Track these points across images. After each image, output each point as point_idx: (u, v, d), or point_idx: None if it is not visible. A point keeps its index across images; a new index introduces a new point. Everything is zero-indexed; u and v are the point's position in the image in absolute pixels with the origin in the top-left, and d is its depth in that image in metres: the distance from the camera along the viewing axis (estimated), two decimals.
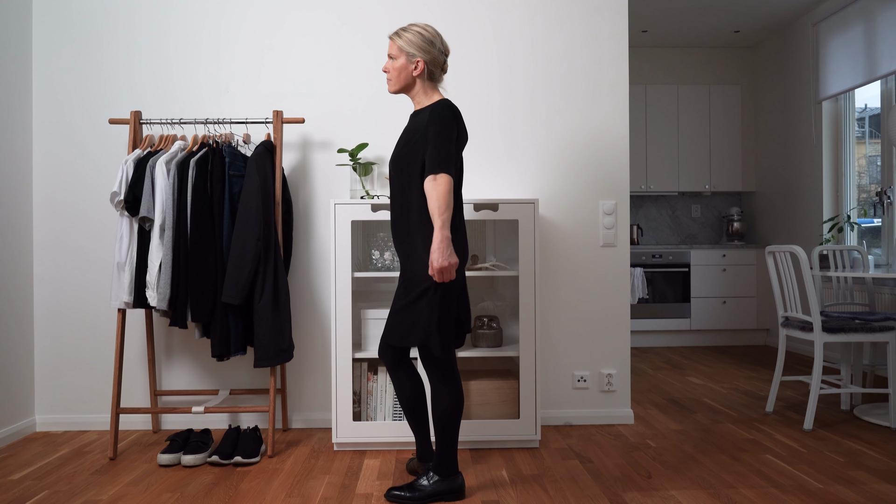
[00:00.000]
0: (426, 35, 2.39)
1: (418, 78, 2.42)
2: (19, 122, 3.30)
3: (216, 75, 3.40)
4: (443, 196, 2.23)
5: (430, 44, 2.39)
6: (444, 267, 2.22)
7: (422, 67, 2.39)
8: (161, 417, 3.39)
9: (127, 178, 2.95)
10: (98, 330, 3.39)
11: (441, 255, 2.21)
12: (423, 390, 2.55)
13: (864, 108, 5.11)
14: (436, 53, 2.41)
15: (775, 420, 3.46)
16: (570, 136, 3.42)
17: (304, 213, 3.41)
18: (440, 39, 2.43)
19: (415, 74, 2.41)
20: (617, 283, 3.43)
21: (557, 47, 3.43)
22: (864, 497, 2.41)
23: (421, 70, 2.40)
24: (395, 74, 2.42)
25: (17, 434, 3.24)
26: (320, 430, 3.35)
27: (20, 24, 3.31)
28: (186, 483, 2.62)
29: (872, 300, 4.03)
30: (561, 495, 2.46)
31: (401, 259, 2.42)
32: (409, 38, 2.38)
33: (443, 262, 2.21)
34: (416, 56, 2.38)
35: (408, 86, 2.44)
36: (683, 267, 5.91)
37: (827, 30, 5.21)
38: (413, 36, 2.38)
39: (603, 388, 3.41)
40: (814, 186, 5.36)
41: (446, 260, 2.22)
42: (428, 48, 2.39)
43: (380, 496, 2.47)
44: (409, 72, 2.41)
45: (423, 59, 2.39)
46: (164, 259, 2.92)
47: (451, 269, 2.24)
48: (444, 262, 2.21)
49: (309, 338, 3.40)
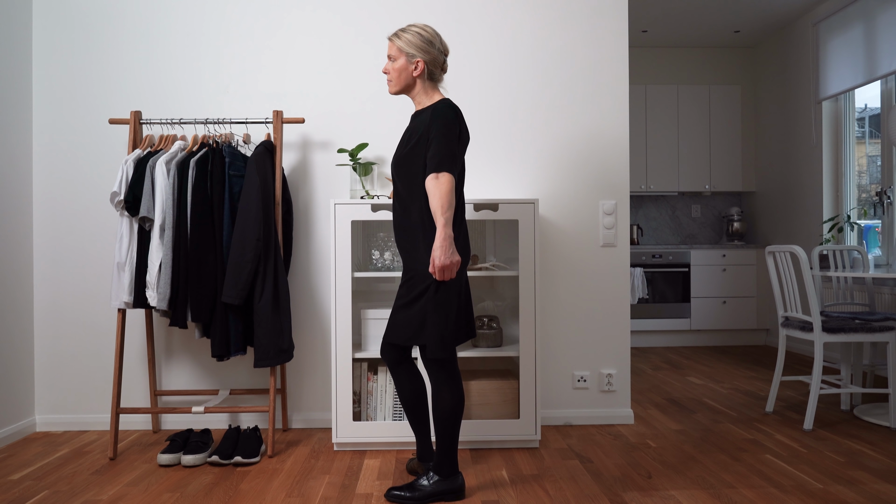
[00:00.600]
0: (425, 35, 2.39)
1: (418, 78, 2.42)
2: (19, 122, 3.30)
3: (216, 75, 3.40)
4: (445, 195, 2.23)
5: (429, 44, 2.39)
6: (446, 265, 2.22)
7: (422, 68, 2.39)
8: (161, 417, 3.39)
9: (127, 178, 2.95)
10: (98, 330, 3.39)
11: (443, 253, 2.21)
12: (424, 390, 2.56)
13: (864, 108, 5.11)
14: (435, 53, 2.41)
15: (775, 420, 3.46)
16: (571, 136, 3.42)
17: (304, 213, 3.41)
18: (439, 39, 2.43)
19: (415, 75, 2.41)
20: (617, 283, 3.43)
21: (557, 47, 3.43)
22: (864, 497, 2.41)
23: (421, 70, 2.40)
24: (395, 75, 2.42)
25: (17, 434, 3.24)
26: (320, 430, 3.35)
27: (20, 24, 3.31)
28: (186, 483, 2.62)
29: (872, 300, 4.03)
30: (561, 495, 2.46)
31: (403, 259, 2.42)
32: (409, 39, 2.38)
33: (444, 261, 2.21)
34: (415, 56, 2.38)
35: (408, 86, 2.44)
36: (683, 267, 5.91)
37: (827, 30, 5.21)
38: (412, 36, 2.38)
39: (603, 388, 3.41)
40: (814, 186, 5.36)
41: (448, 258, 2.22)
42: (427, 48, 2.39)
43: (380, 496, 2.47)
44: (409, 72, 2.41)
45: (422, 60, 2.39)
46: (164, 259, 2.92)
47: (452, 267, 2.24)
48: (445, 260, 2.21)
49: (309, 338, 3.40)
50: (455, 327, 2.37)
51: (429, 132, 2.32)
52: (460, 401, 2.39)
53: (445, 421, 2.37)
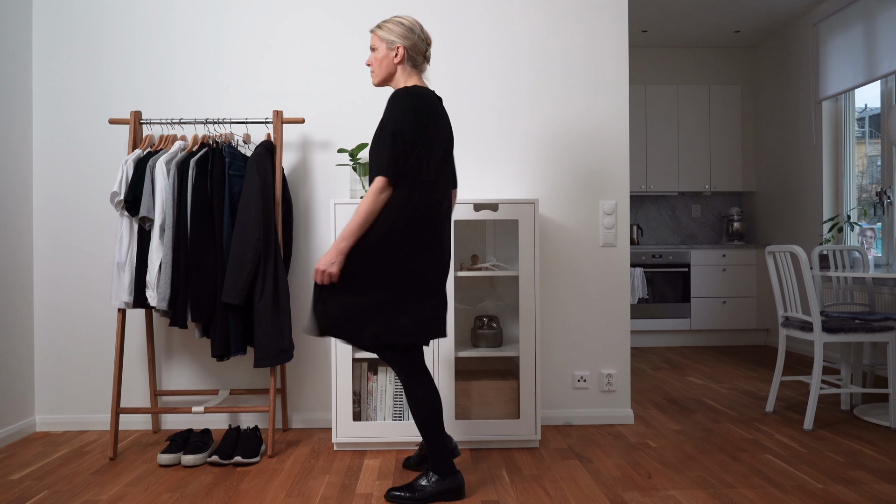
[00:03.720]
0: (405, 23, 2.41)
1: (399, 65, 2.42)
2: (19, 121, 3.30)
3: (216, 75, 3.40)
4: (367, 204, 2.23)
5: (409, 31, 2.41)
6: (322, 271, 2.25)
7: (402, 53, 2.40)
8: (161, 417, 3.39)
9: (127, 178, 2.95)
10: (98, 330, 3.39)
11: (325, 261, 2.25)
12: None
13: (864, 108, 5.11)
14: (415, 40, 2.41)
15: (775, 420, 3.46)
16: (571, 136, 3.42)
17: (304, 213, 3.41)
18: (420, 27, 2.43)
19: (396, 62, 2.41)
20: (617, 283, 3.43)
21: (557, 47, 3.43)
22: (864, 497, 2.41)
23: (402, 56, 2.40)
24: (377, 65, 2.43)
25: (17, 434, 3.24)
26: (320, 430, 3.35)
27: (20, 24, 3.31)
28: (186, 483, 2.62)
29: (872, 300, 4.03)
30: (561, 495, 2.46)
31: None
32: (389, 27, 2.41)
33: (320, 266, 2.25)
34: (395, 42, 2.39)
35: (390, 75, 2.43)
36: (683, 267, 5.91)
37: (827, 30, 5.21)
38: (392, 25, 2.41)
39: (603, 388, 3.41)
40: (814, 186, 5.36)
41: (324, 266, 2.25)
42: (408, 34, 2.40)
43: (380, 496, 2.47)
44: (390, 59, 2.41)
45: (402, 45, 2.39)
46: (164, 259, 2.92)
47: (326, 276, 2.25)
48: (324, 266, 2.25)
49: (309, 338, 3.40)
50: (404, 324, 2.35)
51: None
52: (437, 397, 2.38)
53: (427, 420, 2.36)
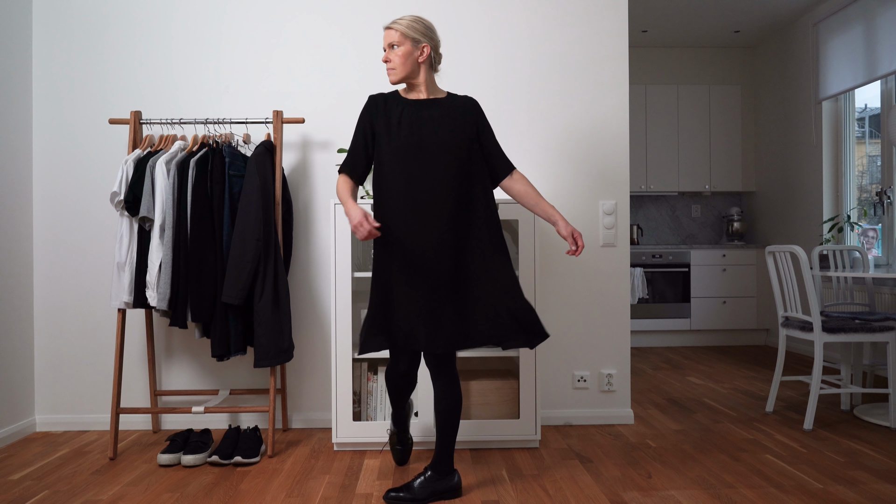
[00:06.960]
0: (425, 22, 2.37)
1: (423, 64, 2.37)
2: (19, 122, 3.30)
3: (216, 75, 3.40)
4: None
5: (430, 30, 2.37)
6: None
7: (427, 52, 2.35)
8: (161, 417, 3.39)
9: (127, 178, 2.95)
10: (98, 330, 3.39)
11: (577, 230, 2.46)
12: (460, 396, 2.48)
13: (864, 108, 5.11)
14: (437, 41, 2.39)
15: (775, 420, 3.46)
16: (570, 136, 3.42)
17: (304, 213, 3.41)
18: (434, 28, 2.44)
19: (420, 60, 2.35)
20: (617, 283, 3.42)
21: (557, 47, 3.42)
22: (864, 497, 2.41)
23: (427, 55, 2.35)
24: (400, 61, 2.33)
25: (17, 434, 3.24)
26: (320, 430, 3.35)
27: (20, 24, 3.31)
28: (186, 483, 2.62)
29: (872, 300, 4.03)
30: (561, 495, 2.46)
31: (484, 250, 2.37)
32: (411, 24, 2.33)
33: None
34: (421, 41, 2.33)
35: (412, 73, 2.37)
36: (683, 267, 5.91)
37: (827, 30, 5.21)
38: (415, 23, 2.34)
39: (603, 388, 3.41)
40: (814, 186, 5.36)
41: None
42: (430, 34, 2.36)
43: (380, 496, 2.47)
44: (414, 58, 2.35)
45: (428, 45, 2.35)
46: (164, 259, 2.92)
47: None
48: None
49: (309, 338, 3.40)
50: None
51: (478, 125, 2.40)
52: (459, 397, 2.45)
53: (452, 418, 2.39)
